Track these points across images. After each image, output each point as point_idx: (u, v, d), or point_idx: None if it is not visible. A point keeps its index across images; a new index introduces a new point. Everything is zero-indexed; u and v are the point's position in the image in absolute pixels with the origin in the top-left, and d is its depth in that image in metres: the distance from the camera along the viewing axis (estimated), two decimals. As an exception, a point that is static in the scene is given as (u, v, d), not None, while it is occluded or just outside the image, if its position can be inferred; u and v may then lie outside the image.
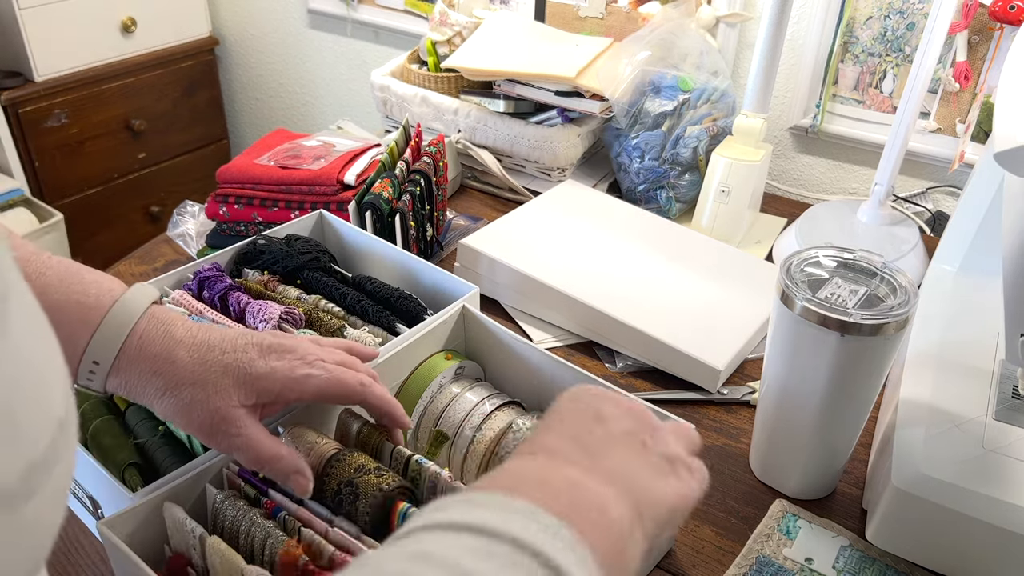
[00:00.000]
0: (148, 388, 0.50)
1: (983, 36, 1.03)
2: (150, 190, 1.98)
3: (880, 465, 0.66)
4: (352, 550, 0.49)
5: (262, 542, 0.50)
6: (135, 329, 0.50)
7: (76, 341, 0.48)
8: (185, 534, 0.51)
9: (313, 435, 0.57)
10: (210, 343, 0.51)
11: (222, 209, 0.99)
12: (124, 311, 0.50)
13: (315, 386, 0.52)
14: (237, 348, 0.51)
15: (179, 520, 0.52)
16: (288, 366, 0.52)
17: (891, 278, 0.63)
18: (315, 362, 0.53)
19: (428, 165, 0.95)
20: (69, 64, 1.73)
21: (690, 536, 0.67)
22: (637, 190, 1.10)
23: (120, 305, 0.50)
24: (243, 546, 0.51)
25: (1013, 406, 0.65)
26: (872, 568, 0.63)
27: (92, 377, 0.50)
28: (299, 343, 0.54)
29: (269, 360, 0.52)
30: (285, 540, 0.49)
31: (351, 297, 0.75)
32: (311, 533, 0.50)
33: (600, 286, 0.88)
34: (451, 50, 1.22)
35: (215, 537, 0.50)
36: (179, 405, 0.50)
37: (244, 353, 0.51)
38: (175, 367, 0.50)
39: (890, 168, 0.98)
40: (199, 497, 0.55)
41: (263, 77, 2.00)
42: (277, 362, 0.52)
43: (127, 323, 0.50)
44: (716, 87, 1.09)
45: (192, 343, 0.51)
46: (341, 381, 0.53)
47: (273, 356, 0.52)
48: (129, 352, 0.49)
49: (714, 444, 0.76)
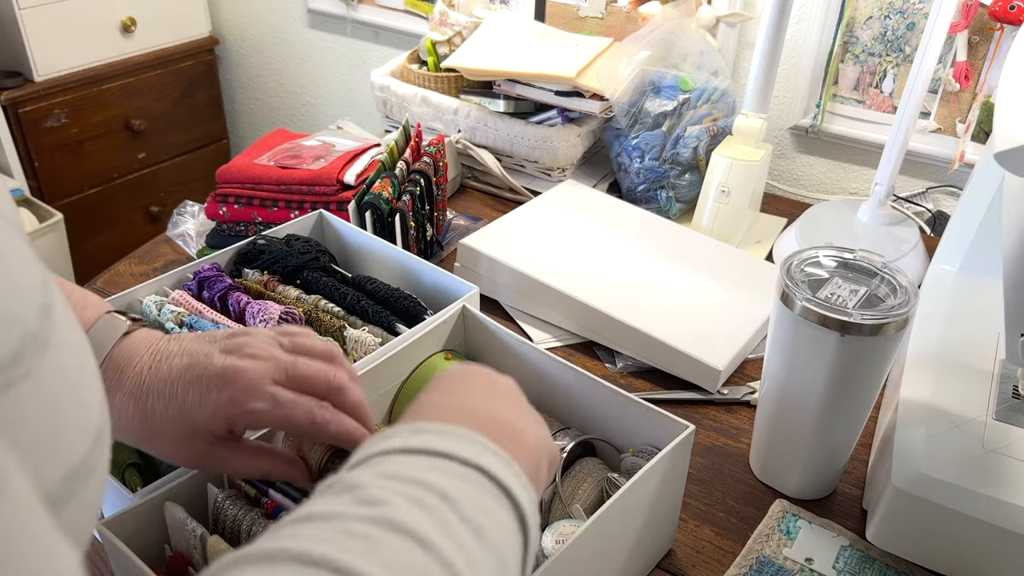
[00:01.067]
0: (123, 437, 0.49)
1: (983, 36, 1.03)
2: (150, 190, 1.98)
3: (880, 465, 0.66)
4: None
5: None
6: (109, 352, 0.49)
7: None
8: (186, 534, 0.51)
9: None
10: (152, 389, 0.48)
11: (222, 209, 0.99)
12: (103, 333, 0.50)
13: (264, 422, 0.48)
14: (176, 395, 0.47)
15: (180, 520, 0.52)
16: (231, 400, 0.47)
17: (891, 278, 0.63)
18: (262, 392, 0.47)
19: (428, 165, 0.95)
20: (69, 64, 1.72)
21: (690, 536, 0.67)
22: (637, 190, 1.10)
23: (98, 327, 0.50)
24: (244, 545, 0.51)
25: (1013, 406, 0.65)
26: (872, 568, 0.63)
27: None
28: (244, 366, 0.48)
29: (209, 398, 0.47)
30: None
31: (351, 297, 0.75)
32: None
33: (600, 286, 0.88)
34: (451, 50, 1.22)
35: (216, 536, 0.50)
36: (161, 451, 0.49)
37: (184, 399, 0.47)
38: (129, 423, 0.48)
39: (890, 168, 0.98)
40: (199, 497, 0.55)
41: (263, 77, 2.00)
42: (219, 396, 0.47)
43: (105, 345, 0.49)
44: (716, 87, 1.09)
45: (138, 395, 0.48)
46: (289, 419, 0.48)
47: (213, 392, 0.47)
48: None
49: (714, 444, 0.76)
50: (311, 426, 0.48)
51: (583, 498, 0.61)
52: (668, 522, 0.64)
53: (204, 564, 0.51)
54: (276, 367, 0.48)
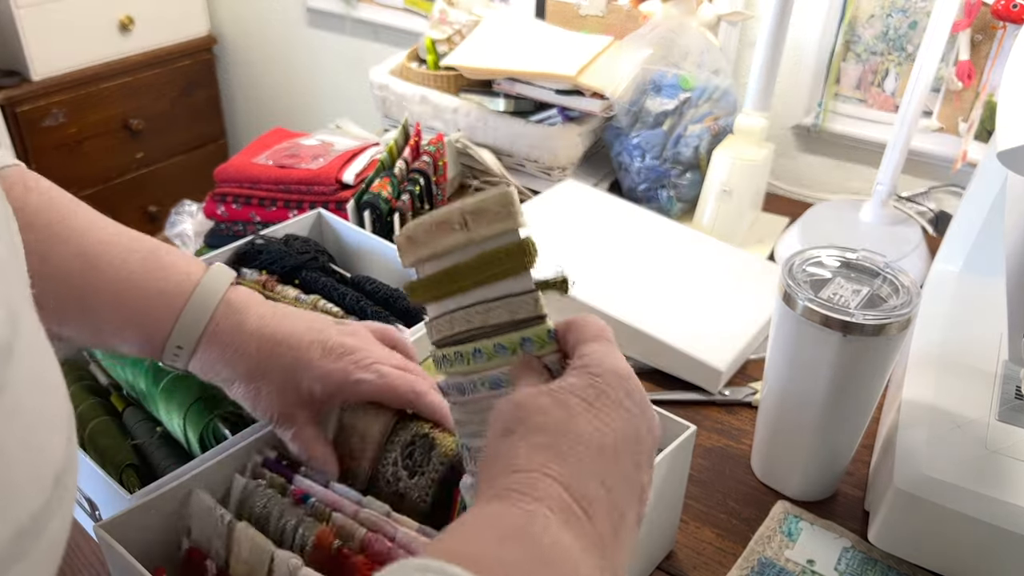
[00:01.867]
0: (220, 375, 0.53)
1: (986, 35, 1.03)
2: (148, 190, 1.98)
3: (882, 466, 0.66)
4: (383, 528, 0.50)
5: (294, 529, 0.51)
6: (213, 317, 0.52)
7: (162, 327, 0.51)
8: (212, 521, 0.51)
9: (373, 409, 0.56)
10: (278, 338, 0.53)
11: (220, 209, 0.99)
12: (202, 299, 0.52)
13: (365, 391, 0.54)
14: (302, 346, 0.53)
15: (207, 507, 0.52)
16: (344, 369, 0.53)
17: (893, 278, 0.62)
18: (371, 366, 0.53)
19: (427, 164, 0.95)
20: (67, 63, 1.72)
21: (691, 537, 0.66)
22: (638, 189, 1.10)
23: (199, 293, 0.52)
24: (273, 532, 0.52)
25: (1016, 407, 0.65)
26: (874, 570, 0.62)
27: (176, 359, 0.53)
28: (361, 344, 0.55)
29: (327, 362, 0.53)
30: (317, 527, 0.50)
31: (350, 297, 0.75)
32: (342, 516, 0.51)
33: (600, 286, 0.88)
34: (451, 48, 1.22)
35: (244, 523, 0.50)
36: (245, 395, 0.53)
37: (307, 352, 0.53)
38: (244, 360, 0.52)
39: (892, 167, 0.97)
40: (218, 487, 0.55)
41: (261, 76, 2.00)
42: (334, 364, 0.53)
43: (206, 311, 0.52)
44: (717, 86, 1.09)
45: (261, 337, 0.53)
46: (392, 387, 0.53)
47: (332, 357, 0.53)
48: (206, 339, 0.52)
49: (715, 445, 0.76)
50: (411, 396, 0.53)
51: (584, 500, 0.60)
52: (669, 523, 0.64)
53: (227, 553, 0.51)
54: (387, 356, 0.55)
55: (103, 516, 0.60)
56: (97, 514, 0.61)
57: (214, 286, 0.53)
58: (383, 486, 0.55)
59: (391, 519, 0.51)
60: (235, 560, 0.50)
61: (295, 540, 0.50)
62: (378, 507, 0.52)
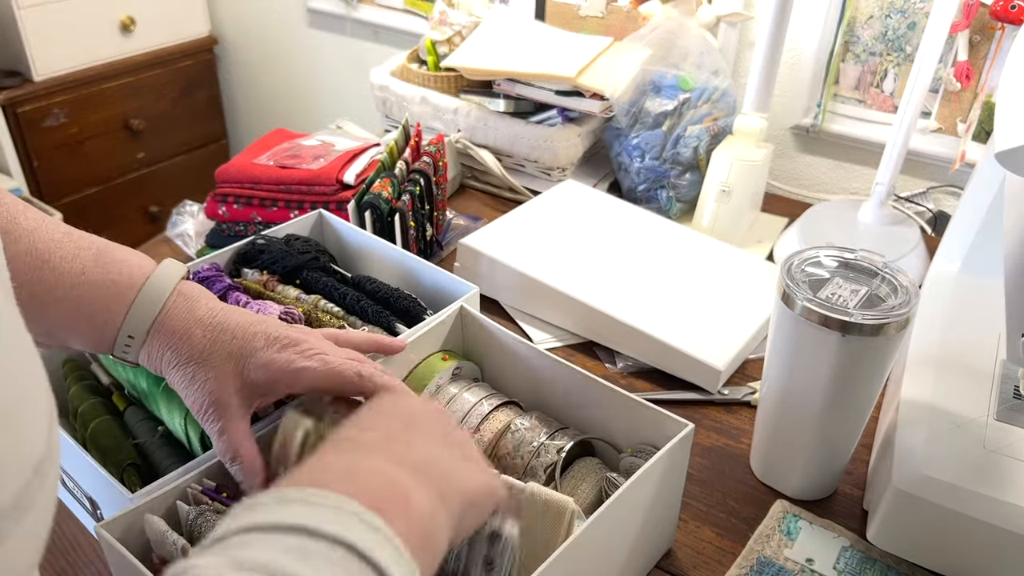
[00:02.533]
0: (163, 360, 0.53)
1: (984, 35, 1.03)
2: (149, 190, 1.98)
3: (881, 466, 0.66)
4: None
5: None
6: (164, 306, 0.53)
7: (113, 318, 0.52)
8: (167, 546, 0.51)
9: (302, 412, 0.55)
10: (224, 326, 0.53)
11: (221, 209, 0.99)
12: (153, 290, 0.53)
13: (309, 379, 0.53)
14: (247, 335, 0.53)
15: (160, 532, 0.51)
16: (286, 359, 0.53)
17: (892, 278, 0.63)
18: (315, 356, 0.53)
19: (428, 165, 0.95)
20: (68, 63, 1.72)
21: (691, 537, 0.67)
22: (637, 190, 1.10)
23: (149, 284, 0.53)
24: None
25: (1014, 406, 0.65)
26: (873, 569, 0.62)
27: (127, 350, 0.53)
28: (308, 336, 0.55)
29: (271, 351, 0.53)
30: None
31: (350, 297, 0.75)
32: None
33: (600, 286, 0.88)
34: (451, 49, 1.22)
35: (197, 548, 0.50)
36: (183, 379, 0.53)
37: (251, 340, 0.53)
38: (188, 344, 0.53)
39: (891, 168, 0.97)
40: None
41: (262, 77, 2.00)
42: (278, 354, 0.53)
43: (157, 302, 0.53)
44: (717, 86, 1.09)
45: (209, 324, 0.53)
46: (337, 372, 0.53)
47: (276, 347, 0.53)
48: (156, 327, 0.53)
49: (715, 444, 0.76)
50: (357, 380, 0.53)
51: (582, 498, 0.61)
52: (667, 522, 0.64)
53: None
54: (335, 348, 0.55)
55: (104, 515, 0.60)
56: (99, 513, 0.61)
57: (166, 278, 0.54)
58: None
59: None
60: None
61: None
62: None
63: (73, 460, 0.59)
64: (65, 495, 0.67)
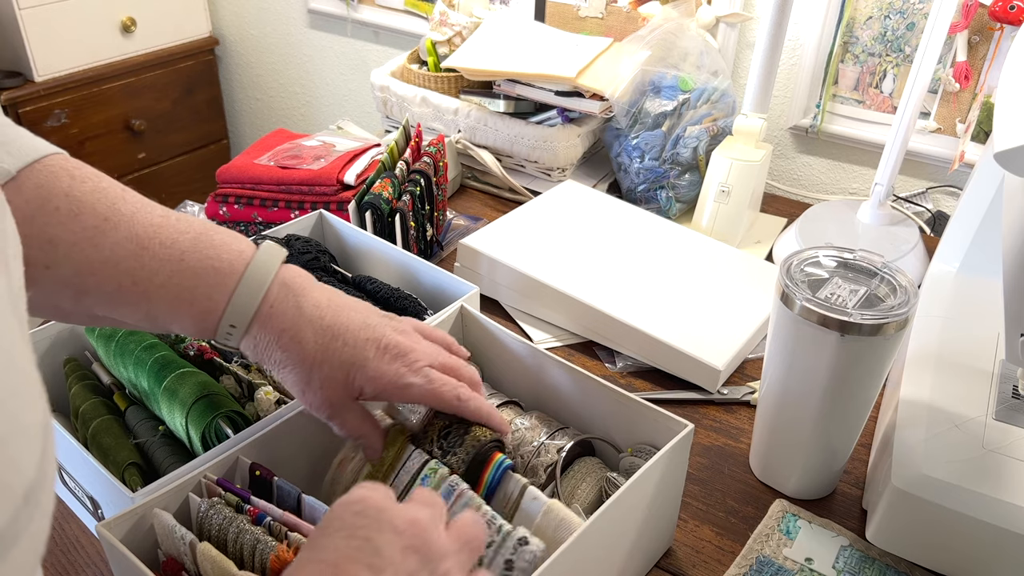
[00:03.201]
0: (272, 357, 0.53)
1: (983, 36, 1.03)
2: (150, 190, 1.97)
3: (880, 465, 0.66)
4: None
5: (251, 548, 0.50)
6: (267, 297, 0.52)
7: (215, 305, 0.51)
8: (175, 541, 0.51)
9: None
10: (335, 331, 0.53)
11: (222, 209, 0.99)
12: (256, 276, 0.52)
13: (414, 395, 0.55)
14: (358, 343, 0.54)
15: (168, 527, 0.52)
16: (396, 372, 0.54)
17: (891, 278, 0.63)
18: (421, 370, 0.54)
19: (428, 165, 0.95)
20: (69, 64, 1.72)
21: (690, 536, 0.67)
22: (637, 190, 1.10)
23: (252, 270, 0.52)
24: (232, 553, 0.51)
25: (1013, 406, 0.65)
26: (872, 568, 0.63)
27: (229, 337, 0.53)
28: (414, 346, 0.55)
29: (382, 362, 0.54)
30: (276, 546, 0.49)
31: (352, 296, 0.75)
32: (299, 536, 0.50)
33: (600, 286, 0.88)
34: (451, 50, 1.22)
35: (206, 543, 0.50)
36: (295, 383, 0.54)
37: (363, 351, 0.54)
38: (300, 347, 0.53)
39: (890, 168, 0.98)
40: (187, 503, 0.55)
41: (263, 77, 2.00)
42: (388, 366, 0.54)
43: (259, 290, 0.52)
44: (716, 87, 1.09)
45: (319, 326, 0.53)
46: (438, 394, 0.55)
47: (387, 358, 0.54)
48: (260, 319, 0.52)
49: (714, 444, 0.76)
50: (456, 402, 0.55)
51: (582, 498, 0.61)
52: (667, 521, 0.64)
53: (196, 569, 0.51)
54: (435, 354, 0.56)
55: (105, 515, 0.60)
56: (100, 513, 0.61)
57: (266, 263, 0.53)
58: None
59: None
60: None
61: (255, 560, 0.50)
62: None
63: (74, 460, 0.60)
64: (66, 495, 0.67)
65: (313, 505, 0.54)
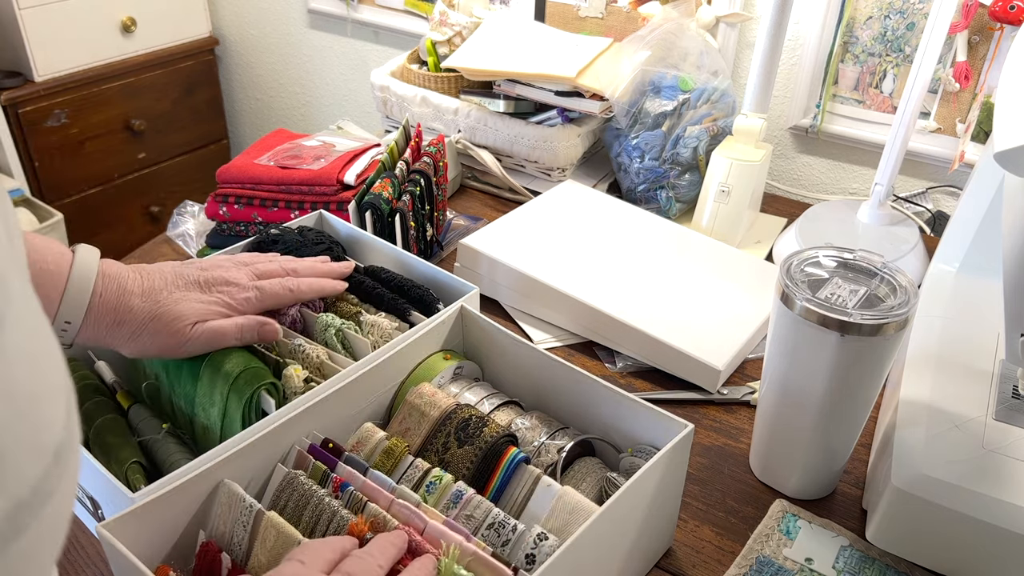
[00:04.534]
0: (117, 335, 0.59)
1: (983, 36, 1.03)
2: (150, 190, 1.98)
3: (880, 465, 0.66)
4: (413, 522, 0.53)
5: (328, 520, 0.53)
6: (94, 289, 0.57)
7: (49, 304, 0.56)
8: (241, 510, 0.53)
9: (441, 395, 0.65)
10: (156, 288, 0.60)
11: (222, 209, 0.99)
12: (81, 275, 0.57)
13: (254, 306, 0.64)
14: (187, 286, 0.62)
15: (237, 496, 0.53)
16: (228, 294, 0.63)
17: (891, 278, 0.63)
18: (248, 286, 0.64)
19: (428, 165, 0.95)
20: (69, 64, 1.73)
21: (690, 536, 0.67)
22: (637, 190, 1.10)
23: (77, 269, 0.57)
24: (306, 523, 0.54)
25: (1013, 406, 0.65)
26: (872, 568, 0.63)
27: (63, 335, 0.57)
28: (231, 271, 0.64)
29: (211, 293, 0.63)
30: (351, 519, 0.52)
31: (366, 284, 0.76)
32: (376, 507, 0.53)
33: (600, 286, 0.88)
34: (451, 50, 1.22)
35: (273, 512, 0.52)
36: (147, 341, 0.60)
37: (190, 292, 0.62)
38: (133, 314, 0.59)
39: (890, 168, 0.98)
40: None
41: (263, 77, 2.00)
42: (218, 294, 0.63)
43: (87, 286, 0.57)
44: (716, 87, 1.09)
45: (142, 291, 0.60)
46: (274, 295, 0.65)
47: (214, 291, 0.63)
48: (93, 310, 0.57)
49: (714, 444, 0.76)
50: (289, 295, 0.66)
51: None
52: (667, 521, 0.64)
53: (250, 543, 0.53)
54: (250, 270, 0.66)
55: (105, 515, 0.60)
56: (100, 513, 0.61)
57: (87, 261, 0.58)
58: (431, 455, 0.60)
59: (420, 510, 0.53)
60: (260, 549, 0.51)
61: (328, 531, 0.52)
62: (410, 497, 0.55)
63: (75, 460, 0.60)
64: (67, 495, 0.67)
65: (379, 478, 0.56)
